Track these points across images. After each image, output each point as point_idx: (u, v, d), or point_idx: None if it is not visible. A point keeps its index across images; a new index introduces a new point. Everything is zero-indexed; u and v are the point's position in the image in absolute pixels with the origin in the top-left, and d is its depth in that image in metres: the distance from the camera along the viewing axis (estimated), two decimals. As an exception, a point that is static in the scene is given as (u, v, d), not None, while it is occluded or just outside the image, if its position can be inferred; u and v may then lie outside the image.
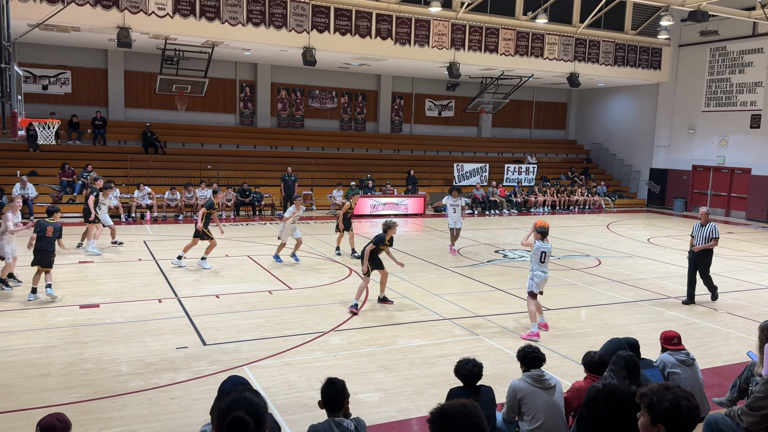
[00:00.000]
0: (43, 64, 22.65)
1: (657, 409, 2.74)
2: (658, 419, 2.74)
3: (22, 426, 5.64)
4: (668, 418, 2.71)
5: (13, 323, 8.82)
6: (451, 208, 15.15)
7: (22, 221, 10.91)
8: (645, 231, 21.13)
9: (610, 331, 9.17)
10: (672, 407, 2.71)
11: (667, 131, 28.35)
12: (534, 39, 23.89)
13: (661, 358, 5.68)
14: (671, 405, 2.72)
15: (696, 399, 2.81)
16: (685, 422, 2.71)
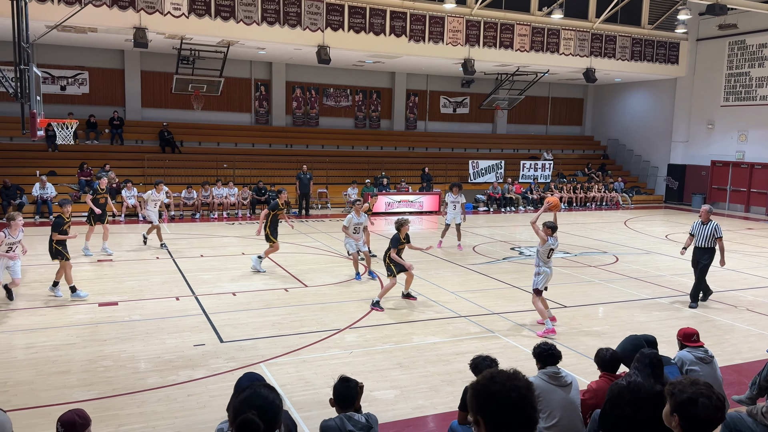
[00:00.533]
0: (61, 65, 22.93)
1: (676, 399, 2.80)
2: (675, 409, 2.79)
3: (43, 422, 5.73)
4: (683, 411, 2.75)
5: (34, 321, 8.95)
6: (451, 204, 15.39)
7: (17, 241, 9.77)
8: (663, 227, 20.90)
9: (628, 328, 9.10)
10: (688, 400, 2.75)
11: (685, 126, 28.01)
12: (549, 34, 23.72)
13: (680, 355, 5.62)
14: (688, 398, 2.76)
15: (723, 403, 2.79)
16: (699, 418, 2.71)
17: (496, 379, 2.27)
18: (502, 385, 2.24)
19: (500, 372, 2.32)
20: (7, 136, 21.74)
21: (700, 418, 2.71)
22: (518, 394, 2.22)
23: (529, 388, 2.26)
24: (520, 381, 2.26)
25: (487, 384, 2.27)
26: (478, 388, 2.29)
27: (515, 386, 2.23)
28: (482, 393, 2.26)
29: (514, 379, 2.26)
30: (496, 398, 2.23)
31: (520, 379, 2.27)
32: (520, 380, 2.27)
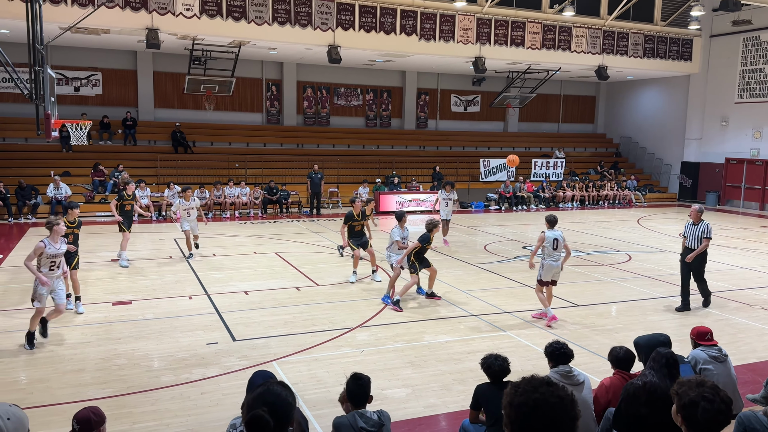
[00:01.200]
0: (75, 66, 23.14)
1: (680, 400, 2.82)
2: (679, 410, 2.82)
3: (59, 420, 5.79)
4: (685, 412, 2.78)
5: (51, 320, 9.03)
6: (443, 201, 15.74)
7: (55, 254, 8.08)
8: (676, 226, 20.73)
9: (641, 327, 9.04)
10: (690, 404, 2.78)
11: (699, 123, 27.77)
12: (561, 32, 23.60)
13: (693, 354, 5.58)
14: (690, 401, 2.78)
15: (728, 405, 2.78)
16: (699, 421, 2.73)
17: (539, 408, 2.06)
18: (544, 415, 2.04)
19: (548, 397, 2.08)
20: (22, 137, 21.98)
21: (701, 422, 2.73)
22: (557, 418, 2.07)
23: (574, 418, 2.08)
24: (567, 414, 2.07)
25: (528, 411, 2.08)
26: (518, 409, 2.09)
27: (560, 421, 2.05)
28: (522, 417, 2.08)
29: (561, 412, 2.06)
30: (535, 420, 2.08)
31: (570, 412, 2.07)
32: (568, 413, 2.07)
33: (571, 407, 2.09)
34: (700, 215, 10.11)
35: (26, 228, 17.61)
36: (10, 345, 7.97)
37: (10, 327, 8.69)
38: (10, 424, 2.34)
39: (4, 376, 6.98)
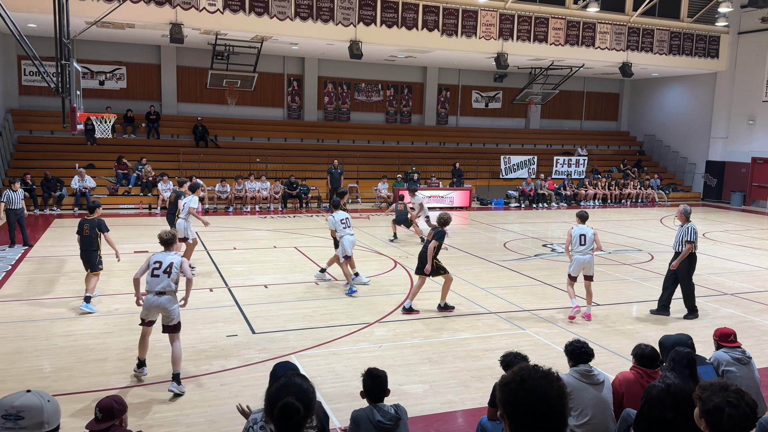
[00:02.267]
0: (100, 60, 23.45)
1: (704, 406, 2.77)
2: (702, 415, 2.78)
3: (82, 407, 5.89)
4: (710, 418, 2.74)
5: (74, 310, 9.20)
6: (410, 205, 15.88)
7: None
8: (700, 226, 20.33)
9: (662, 327, 8.94)
10: (714, 409, 2.73)
11: (725, 122, 27.29)
12: (585, 28, 23.34)
13: (716, 355, 5.50)
14: (715, 407, 2.73)
15: (753, 410, 2.74)
16: (724, 427, 2.69)
17: (526, 385, 2.12)
18: (531, 392, 2.10)
19: (531, 375, 2.15)
20: (48, 130, 22.35)
21: (726, 428, 2.69)
22: (547, 404, 2.10)
23: (560, 395, 2.13)
24: (551, 389, 2.12)
25: (516, 388, 2.13)
26: (507, 391, 2.16)
27: (545, 394, 2.10)
28: (511, 395, 2.14)
29: (546, 386, 2.12)
30: (524, 405, 2.10)
31: (552, 386, 2.13)
32: (551, 388, 2.13)
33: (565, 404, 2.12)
34: (685, 217, 9.58)
35: (51, 219, 17.92)
36: (35, 333, 8.13)
37: (36, 316, 8.86)
38: (50, 405, 2.49)
39: (29, 364, 7.12)
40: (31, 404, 2.41)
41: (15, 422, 2.36)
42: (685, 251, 9.41)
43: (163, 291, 6.55)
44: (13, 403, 2.40)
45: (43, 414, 2.43)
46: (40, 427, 2.41)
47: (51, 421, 2.46)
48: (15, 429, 2.37)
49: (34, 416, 2.40)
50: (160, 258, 6.66)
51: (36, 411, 2.41)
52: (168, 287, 6.56)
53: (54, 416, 2.49)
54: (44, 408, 2.44)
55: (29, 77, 22.54)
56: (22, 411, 2.39)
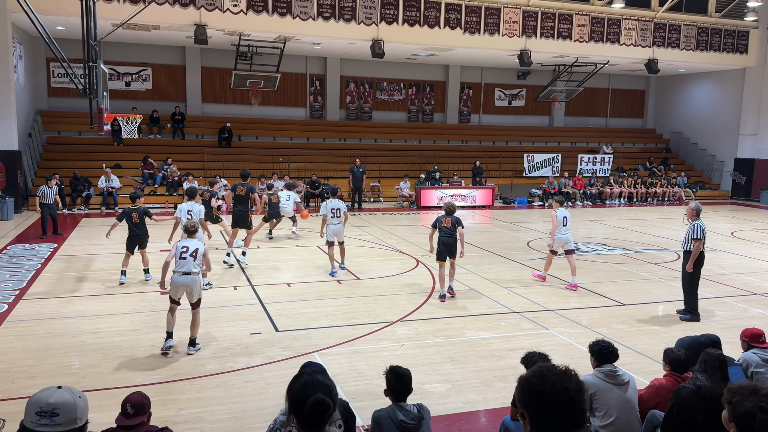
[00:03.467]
0: (126, 61, 23.82)
1: (734, 411, 2.71)
2: (732, 419, 2.71)
3: (109, 404, 5.99)
4: (740, 423, 2.68)
5: (101, 307, 9.37)
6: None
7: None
8: (728, 224, 20.05)
9: (690, 328, 8.79)
10: (746, 414, 2.65)
11: (754, 119, 26.72)
12: (610, 24, 23.04)
13: (745, 356, 5.39)
14: (746, 412, 2.66)
15: None
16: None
17: (546, 379, 2.18)
18: (551, 386, 2.15)
19: (551, 370, 2.22)
20: (75, 131, 22.76)
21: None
22: (568, 396, 2.13)
23: (580, 390, 2.16)
24: (571, 383, 2.17)
25: (536, 383, 2.19)
26: (526, 386, 2.21)
27: (565, 388, 2.14)
28: (531, 391, 2.18)
29: (565, 380, 2.17)
30: (544, 399, 2.14)
31: (572, 381, 2.18)
32: (571, 381, 2.17)
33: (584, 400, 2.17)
34: (695, 214, 9.27)
35: (79, 218, 18.25)
36: (64, 330, 8.29)
37: (65, 313, 9.03)
38: (81, 401, 2.54)
39: (58, 360, 7.26)
40: (65, 401, 2.46)
41: (50, 419, 2.42)
42: (695, 250, 9.11)
43: (188, 272, 7.48)
44: (47, 400, 2.45)
45: (77, 410, 2.48)
46: (73, 423, 2.46)
47: (82, 417, 2.52)
48: (50, 425, 2.42)
49: (68, 413, 2.45)
50: (187, 244, 7.63)
51: (70, 407, 2.46)
52: (192, 269, 7.50)
53: (84, 412, 2.55)
54: (77, 404, 2.49)
55: (58, 79, 22.98)
56: (57, 408, 2.43)
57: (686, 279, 9.38)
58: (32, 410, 2.45)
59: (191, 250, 7.53)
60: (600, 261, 13.56)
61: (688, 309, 9.42)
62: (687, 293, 9.43)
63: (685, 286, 9.43)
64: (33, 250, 13.37)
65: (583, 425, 2.15)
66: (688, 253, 9.29)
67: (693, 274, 9.28)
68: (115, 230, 11.24)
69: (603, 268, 12.89)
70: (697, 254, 9.15)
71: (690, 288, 9.37)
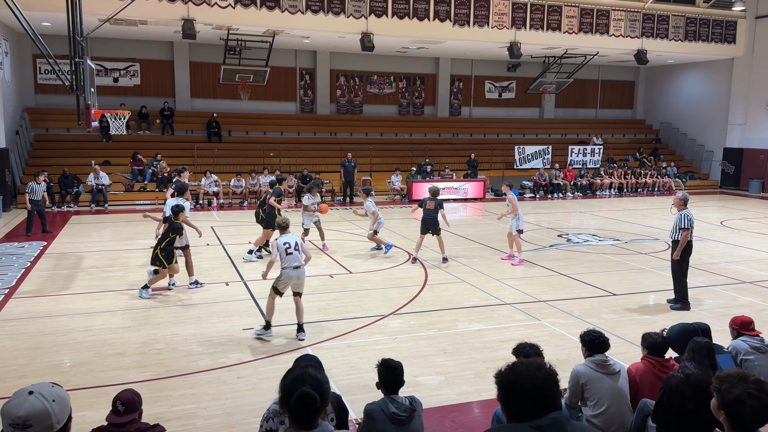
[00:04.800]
0: (114, 57, 23.62)
1: (723, 398, 2.73)
2: (722, 407, 2.74)
3: (101, 401, 5.97)
4: (730, 409, 2.70)
5: (92, 305, 9.32)
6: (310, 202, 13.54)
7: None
8: (718, 213, 20.19)
9: (680, 317, 8.85)
10: (735, 401, 2.68)
11: (743, 108, 26.88)
12: (599, 15, 23.07)
13: (734, 344, 5.43)
14: (735, 399, 2.68)
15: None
16: (746, 420, 2.65)
17: (514, 369, 2.39)
18: (518, 375, 2.35)
19: (522, 363, 2.42)
20: (63, 128, 22.58)
21: (748, 420, 2.65)
22: (532, 384, 2.30)
23: (548, 378, 2.34)
24: (539, 372, 2.34)
25: (505, 373, 2.39)
26: (498, 376, 2.41)
27: (531, 376, 2.32)
28: (500, 380, 2.39)
29: (532, 370, 2.35)
30: (510, 386, 2.34)
31: (540, 370, 2.35)
32: (539, 371, 2.34)
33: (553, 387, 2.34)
34: (683, 203, 9.34)
35: (69, 216, 18.13)
36: (54, 328, 8.24)
37: (55, 311, 8.98)
38: (56, 405, 2.39)
39: (49, 359, 7.22)
40: (36, 412, 2.32)
41: (24, 430, 2.29)
42: (682, 239, 9.17)
43: (299, 265, 7.88)
44: (18, 412, 2.30)
45: (51, 417, 2.34)
46: (50, 429, 2.34)
47: (61, 420, 2.39)
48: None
49: (41, 422, 2.32)
50: (288, 240, 7.91)
51: (43, 416, 2.33)
52: (301, 262, 7.94)
53: (62, 413, 2.41)
54: (50, 411, 2.35)
55: (44, 76, 22.77)
56: (29, 420, 2.30)
57: (675, 268, 9.44)
58: (6, 421, 2.33)
59: (293, 245, 7.84)
60: (591, 252, 13.63)
61: (678, 298, 9.50)
62: (676, 282, 9.49)
63: (675, 275, 9.49)
64: (22, 248, 13.27)
65: (553, 410, 2.31)
66: (677, 242, 9.35)
67: (681, 263, 9.33)
68: (95, 229, 11.15)
69: (594, 258, 12.95)
70: (684, 243, 9.20)
71: (679, 277, 9.43)
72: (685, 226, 9.18)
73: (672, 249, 9.52)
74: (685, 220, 9.21)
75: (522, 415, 2.30)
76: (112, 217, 18.09)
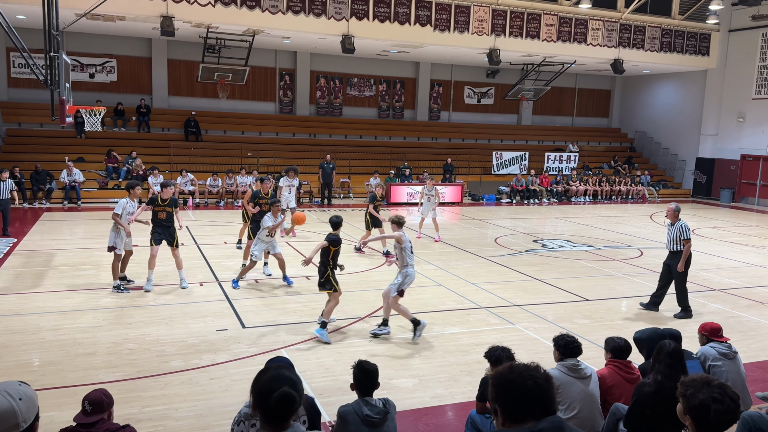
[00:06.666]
0: (90, 52, 23.27)
1: (689, 402, 2.79)
2: (687, 411, 2.79)
3: (70, 401, 5.87)
4: (695, 414, 2.75)
5: (62, 304, 9.16)
6: (287, 188, 15.04)
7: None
8: (690, 222, 20.43)
9: (652, 322, 8.99)
10: (700, 406, 2.74)
11: (715, 119, 27.46)
12: (577, 24, 23.39)
13: (702, 350, 5.55)
14: (700, 404, 2.75)
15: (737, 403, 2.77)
16: (710, 423, 2.71)
17: (514, 369, 2.32)
18: (519, 375, 2.28)
19: (520, 364, 2.37)
20: (37, 123, 22.17)
21: (713, 424, 2.72)
22: (534, 383, 2.25)
23: (547, 380, 2.29)
24: (538, 372, 2.30)
25: (505, 373, 2.32)
26: (497, 377, 2.34)
27: (532, 376, 2.27)
28: (501, 380, 2.31)
29: (532, 371, 2.30)
30: (512, 386, 2.26)
31: (539, 371, 2.31)
32: (538, 372, 2.30)
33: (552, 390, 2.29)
34: (676, 214, 9.53)
35: (40, 213, 17.79)
36: (23, 327, 8.08)
37: (24, 309, 8.81)
38: (23, 404, 2.33)
39: (16, 358, 7.08)
40: (2, 409, 2.26)
41: None
42: (686, 250, 9.31)
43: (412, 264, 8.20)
44: None
45: (17, 416, 2.29)
46: (16, 428, 2.28)
47: (28, 418, 2.33)
48: None
49: (7, 421, 2.26)
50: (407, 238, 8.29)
51: (9, 415, 2.27)
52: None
53: (29, 412, 2.35)
54: (16, 409, 2.29)
55: (18, 69, 22.35)
56: None
57: (679, 278, 9.46)
58: None
59: (408, 241, 8.19)
60: (565, 257, 13.79)
61: (683, 307, 9.50)
62: (680, 292, 9.50)
63: (678, 286, 9.49)
64: (-9, 244, 12.99)
65: (551, 413, 2.25)
66: (675, 253, 9.45)
67: (684, 273, 9.40)
68: (68, 227, 10.96)
69: (568, 264, 13.10)
70: (688, 253, 9.32)
71: (682, 286, 9.47)
72: (687, 237, 9.33)
73: (670, 259, 9.56)
74: (687, 230, 9.38)
75: (522, 417, 2.24)
76: (85, 215, 17.80)
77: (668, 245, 9.66)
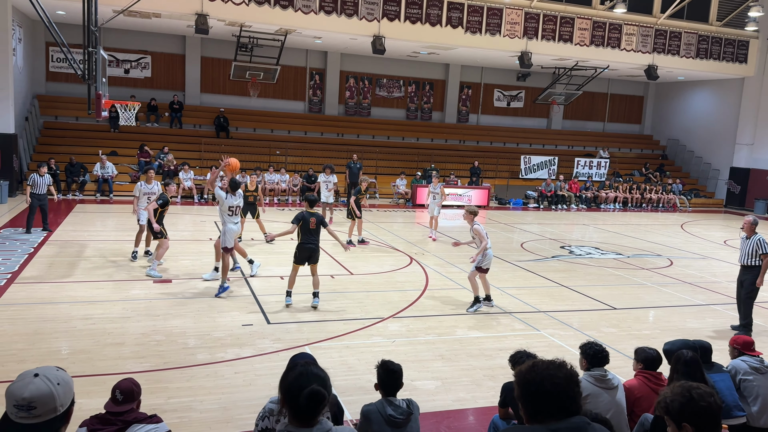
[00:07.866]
0: (126, 48, 23.70)
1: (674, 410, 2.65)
2: (680, 419, 2.63)
3: (99, 389, 5.98)
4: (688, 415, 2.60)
5: (93, 294, 9.35)
6: (323, 185, 16.15)
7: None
8: (722, 232, 20.15)
9: (680, 334, 8.82)
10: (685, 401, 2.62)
11: (752, 128, 26.83)
12: (611, 29, 23.09)
13: (733, 363, 5.42)
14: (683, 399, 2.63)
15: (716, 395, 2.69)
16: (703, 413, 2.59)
17: (535, 368, 2.31)
18: (538, 374, 2.28)
19: (543, 362, 2.35)
20: (73, 116, 22.66)
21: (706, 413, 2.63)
22: (552, 383, 2.24)
23: (569, 378, 2.27)
24: (560, 372, 2.28)
25: (525, 371, 2.33)
26: (519, 375, 2.35)
27: (551, 375, 2.26)
28: (519, 380, 2.33)
29: (553, 370, 2.29)
30: (530, 386, 2.27)
31: (561, 371, 2.29)
32: (560, 371, 2.28)
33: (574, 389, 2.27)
34: (753, 228, 9.03)
35: (74, 204, 18.18)
36: (54, 315, 8.26)
37: (56, 298, 9.01)
38: (60, 389, 2.40)
39: (48, 345, 7.25)
40: (41, 393, 2.33)
41: (28, 412, 2.30)
42: (765, 264, 8.90)
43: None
44: (23, 394, 2.32)
45: (56, 400, 2.36)
46: (53, 412, 2.35)
47: (64, 403, 2.40)
48: (29, 418, 2.31)
49: (45, 404, 2.33)
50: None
51: (47, 398, 2.34)
52: None
53: (66, 396, 2.42)
54: (55, 394, 2.36)
55: (56, 63, 22.86)
56: (33, 401, 2.31)
57: (747, 293, 9.13)
58: (10, 402, 2.34)
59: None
60: (593, 264, 13.62)
61: (746, 323, 9.20)
62: (747, 307, 9.18)
63: (746, 301, 9.18)
64: (26, 234, 13.31)
65: (574, 413, 2.23)
66: (748, 267, 9.08)
67: (756, 288, 9.08)
68: (99, 218, 11.20)
69: (595, 271, 12.94)
70: (767, 268, 8.94)
71: (749, 301, 9.15)
72: (766, 251, 8.93)
73: (742, 274, 9.21)
74: (764, 245, 8.96)
75: (540, 416, 2.23)
76: (116, 207, 18.14)
77: (741, 259, 9.18)
